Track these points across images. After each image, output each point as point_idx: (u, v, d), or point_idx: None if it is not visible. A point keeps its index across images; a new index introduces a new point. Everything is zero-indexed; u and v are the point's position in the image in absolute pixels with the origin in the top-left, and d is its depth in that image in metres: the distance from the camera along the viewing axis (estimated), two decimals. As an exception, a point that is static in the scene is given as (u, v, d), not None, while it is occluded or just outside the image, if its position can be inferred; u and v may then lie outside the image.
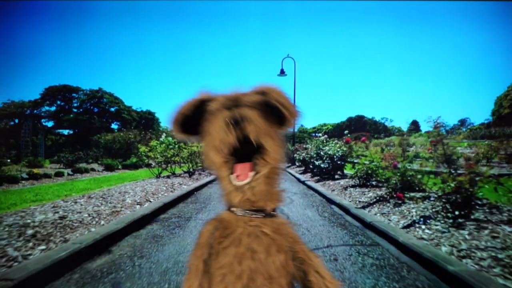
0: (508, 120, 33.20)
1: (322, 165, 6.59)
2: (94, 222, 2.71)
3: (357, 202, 3.80)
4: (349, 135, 7.95)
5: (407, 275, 1.84)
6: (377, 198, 3.72)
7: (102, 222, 2.74)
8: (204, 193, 5.30)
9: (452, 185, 2.53)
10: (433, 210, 2.85)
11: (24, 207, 3.36)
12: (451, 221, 2.49)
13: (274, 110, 0.61)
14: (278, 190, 0.66)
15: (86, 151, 12.85)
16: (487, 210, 2.63)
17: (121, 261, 2.09)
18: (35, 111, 37.67)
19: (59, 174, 7.82)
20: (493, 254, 1.81)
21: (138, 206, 3.53)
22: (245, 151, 0.58)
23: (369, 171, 4.42)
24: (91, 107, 36.43)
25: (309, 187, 5.81)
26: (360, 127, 53.87)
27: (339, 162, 6.31)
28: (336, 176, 6.44)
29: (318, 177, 6.84)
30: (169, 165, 7.41)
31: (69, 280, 1.79)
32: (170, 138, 7.56)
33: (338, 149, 6.39)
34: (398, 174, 3.50)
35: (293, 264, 0.63)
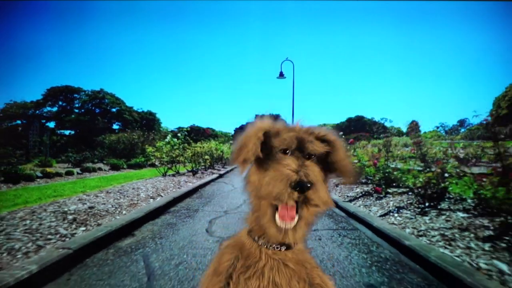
0: (506, 121, 33.67)
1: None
2: (117, 212, 3.19)
3: (345, 196, 4.28)
4: (343, 136, 8.42)
5: (375, 250, 2.32)
6: (363, 193, 4.20)
7: (124, 212, 3.23)
8: (208, 190, 5.78)
9: (421, 179, 3.02)
10: (408, 202, 3.33)
11: (49, 201, 3.84)
12: (419, 210, 2.97)
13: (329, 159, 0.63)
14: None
15: (92, 151, 13.32)
16: (452, 201, 3.11)
17: (144, 241, 2.57)
18: (37, 111, 38.20)
19: (69, 173, 8.31)
20: (442, 232, 2.29)
21: (151, 199, 4.01)
22: None
23: (357, 170, 4.90)
24: (93, 108, 36.89)
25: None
26: (360, 128, 54.28)
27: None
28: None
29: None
30: (174, 164, 7.89)
31: (106, 253, 2.27)
32: (175, 139, 8.04)
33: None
34: (381, 171, 3.99)
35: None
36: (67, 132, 38.41)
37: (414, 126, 3.87)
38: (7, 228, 2.29)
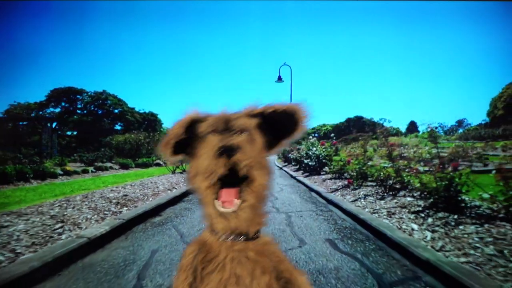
0: (502, 121, 34.42)
1: (310, 163, 7.98)
2: (145, 199, 4.09)
3: (329, 189, 5.17)
4: (334, 137, 9.33)
5: (340, 222, 3.21)
6: (343, 186, 5.10)
7: (150, 199, 4.13)
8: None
9: (382, 174, 3.91)
10: (375, 191, 4.23)
11: (83, 192, 4.73)
12: (380, 196, 3.87)
13: (269, 128, 0.65)
14: (262, 214, 0.67)
15: (98, 151, 14.19)
16: (407, 190, 4.00)
17: (170, 218, 3.46)
18: (40, 112, 39.14)
19: (85, 171, 9.23)
20: (388, 210, 3.19)
21: (169, 191, 4.91)
22: (232, 177, 0.58)
23: (341, 167, 5.80)
24: (95, 109, 37.77)
25: (298, 181, 7.19)
26: (359, 128, 55.25)
27: (323, 161, 7.69)
28: (322, 172, 7.82)
29: (307, 173, 8.22)
30: (181, 163, 8.78)
31: (145, 224, 3.16)
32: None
33: (324, 150, 7.77)
34: (358, 168, 4.88)
35: (278, 284, 0.65)
36: (69, 133, 39.35)
37: (383, 131, 4.77)
38: (76, 205, 3.20)
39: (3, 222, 2.58)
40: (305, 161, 8.28)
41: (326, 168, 7.69)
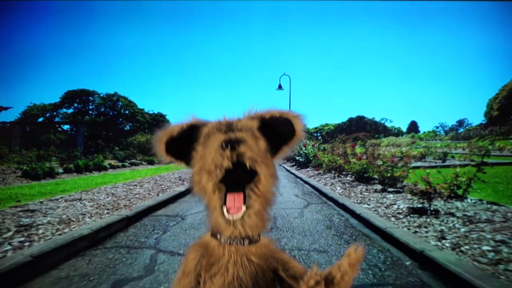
0: (497, 122, 36.37)
1: (300, 160, 10.60)
2: (175, 187, 6.79)
3: (309, 176, 7.80)
4: (321, 139, 11.89)
5: (305, 189, 5.84)
6: (319, 173, 7.71)
7: (181, 187, 6.82)
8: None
9: (331, 164, 6.52)
10: (332, 175, 6.84)
11: (144, 177, 7.40)
12: (332, 177, 6.49)
13: (271, 134, 0.67)
14: (267, 219, 0.68)
15: (132, 150, 16.93)
16: (349, 173, 6.59)
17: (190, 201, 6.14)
18: (54, 113, 42.28)
19: (124, 166, 11.97)
20: (332, 183, 5.82)
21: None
22: (238, 178, 0.61)
23: (319, 162, 8.42)
24: (107, 110, 40.70)
25: (290, 172, 9.83)
26: (361, 128, 57.43)
27: (310, 158, 10.31)
28: (309, 166, 10.44)
29: (298, 167, 10.85)
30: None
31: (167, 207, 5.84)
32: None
33: (311, 150, 10.39)
34: (327, 161, 7.49)
35: (282, 285, 0.69)
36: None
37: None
38: (157, 181, 5.88)
39: (125, 188, 5.26)
40: (297, 158, 10.91)
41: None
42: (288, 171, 10.47)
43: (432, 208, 3.18)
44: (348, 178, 6.25)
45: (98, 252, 2.38)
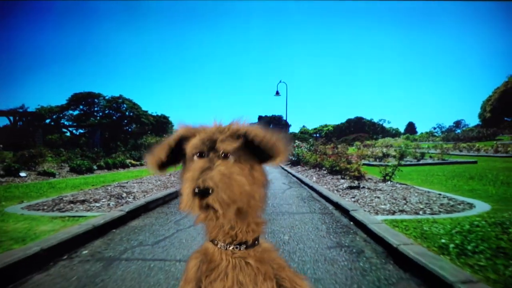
0: (490, 124, 38.26)
1: (293, 159, 12.78)
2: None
3: (297, 171, 9.95)
4: (311, 140, 14.11)
5: (291, 180, 8.00)
6: (304, 169, 9.87)
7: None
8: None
9: (312, 160, 8.67)
10: (315, 170, 8.99)
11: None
12: (313, 171, 8.65)
13: (256, 149, 0.66)
14: (259, 222, 0.71)
15: (145, 150, 19.03)
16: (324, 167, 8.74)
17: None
18: (60, 115, 44.49)
19: (141, 164, 14.14)
20: (311, 175, 8.00)
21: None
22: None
23: (307, 161, 10.58)
24: (112, 112, 42.87)
25: (283, 169, 12.00)
26: (359, 129, 59.22)
27: (300, 157, 12.47)
28: (301, 163, 12.61)
29: (291, 165, 13.01)
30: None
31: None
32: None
33: (300, 150, 12.56)
34: (312, 160, 9.63)
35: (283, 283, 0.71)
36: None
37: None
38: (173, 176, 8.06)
39: (150, 180, 7.42)
40: (290, 157, 13.08)
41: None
42: (282, 168, 12.66)
43: (362, 186, 5.34)
44: (324, 172, 8.41)
45: (166, 207, 4.60)
